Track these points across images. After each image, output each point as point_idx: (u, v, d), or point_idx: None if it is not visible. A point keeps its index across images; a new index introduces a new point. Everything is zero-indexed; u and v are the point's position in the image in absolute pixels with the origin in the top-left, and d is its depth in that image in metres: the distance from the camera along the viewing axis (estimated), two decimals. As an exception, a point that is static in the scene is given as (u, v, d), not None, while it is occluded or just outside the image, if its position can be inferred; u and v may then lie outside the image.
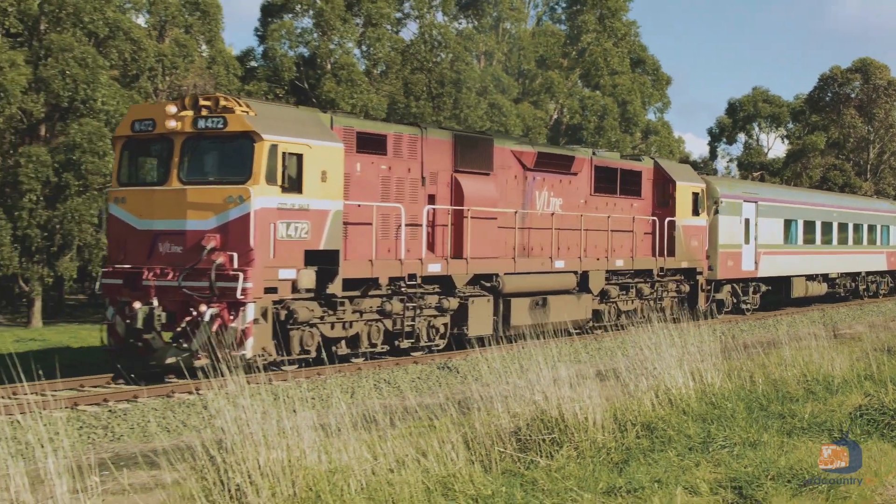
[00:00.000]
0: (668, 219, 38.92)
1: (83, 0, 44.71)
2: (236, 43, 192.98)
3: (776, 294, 49.70)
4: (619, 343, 29.23)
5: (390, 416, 13.89)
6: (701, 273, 41.18)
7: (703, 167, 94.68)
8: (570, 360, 17.61)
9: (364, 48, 61.70)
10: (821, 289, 52.97)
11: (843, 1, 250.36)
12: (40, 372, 20.04)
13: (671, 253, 39.19)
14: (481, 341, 28.34)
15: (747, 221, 45.73)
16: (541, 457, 13.83)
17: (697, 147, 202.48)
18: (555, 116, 70.29)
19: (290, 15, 61.54)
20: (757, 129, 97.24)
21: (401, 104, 59.13)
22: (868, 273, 60.55)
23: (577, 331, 32.14)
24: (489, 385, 16.11)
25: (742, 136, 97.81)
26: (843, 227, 57.45)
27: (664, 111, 78.34)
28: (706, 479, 13.15)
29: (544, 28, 71.61)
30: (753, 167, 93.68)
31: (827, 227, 55.23)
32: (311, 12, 60.02)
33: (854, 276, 58.66)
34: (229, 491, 11.19)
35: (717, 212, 43.18)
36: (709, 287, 42.39)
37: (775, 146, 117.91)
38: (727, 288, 44.65)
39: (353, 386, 23.91)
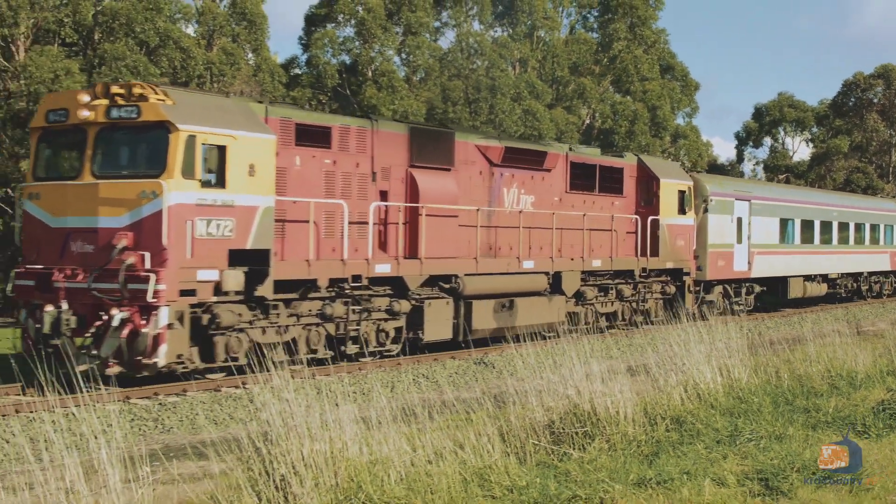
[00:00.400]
0: (651, 217, 36.37)
1: (135, 11, 45.00)
2: (281, 51, 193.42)
3: (773, 295, 47.11)
4: (650, 340, 29.05)
5: (429, 409, 13.90)
6: (688, 274, 38.55)
7: (731, 170, 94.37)
8: (601, 355, 17.59)
9: (404, 55, 61.90)
10: (820, 289, 50.11)
11: (865, 9, 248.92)
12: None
13: (655, 253, 36.61)
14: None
15: (740, 220, 42.90)
16: (574, 449, 13.82)
17: (725, 150, 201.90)
18: (587, 121, 70.20)
19: (333, 24, 61.82)
20: (782, 133, 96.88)
21: (439, 110, 59.23)
22: (871, 273, 57.43)
23: (552, 334, 28.63)
24: (524, 380, 16.09)
25: (768, 140, 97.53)
26: (843, 227, 54.12)
27: (693, 116, 78.18)
28: (733, 472, 13.11)
29: (577, 36, 71.51)
30: (779, 170, 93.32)
31: (826, 226, 52.01)
32: (353, 21, 60.28)
33: (856, 276, 55.61)
34: (274, 481, 11.21)
35: (706, 210, 40.49)
36: (697, 288, 39.89)
37: (800, 149, 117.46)
38: (718, 289, 41.85)
39: (393, 380, 23.90)
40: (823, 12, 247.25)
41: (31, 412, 17.82)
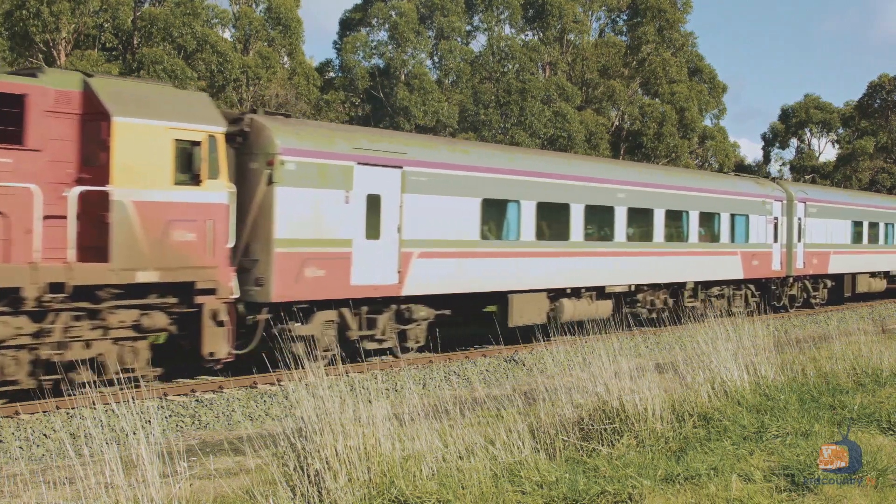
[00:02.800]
0: (80, 189, 19.72)
1: (173, 16, 45.26)
2: (316, 54, 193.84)
3: (478, 321, 30.96)
4: (678, 338, 28.99)
5: (460, 406, 13.89)
6: (212, 292, 21.62)
7: (758, 171, 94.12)
8: (630, 353, 17.56)
9: (436, 59, 62.04)
10: (592, 310, 32.07)
11: (893, 12, 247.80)
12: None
13: (100, 255, 19.83)
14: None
15: (376, 200, 25.50)
16: (602, 445, 13.78)
17: (752, 152, 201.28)
18: (616, 123, 70.14)
19: (367, 28, 62.08)
20: (809, 134, 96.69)
21: (470, 112, 59.32)
22: (706, 283, 39.01)
23: None
24: (553, 377, 16.05)
25: (794, 141, 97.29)
26: (641, 216, 35.41)
27: (720, 117, 78.12)
28: (760, 467, 13.05)
29: (606, 39, 71.60)
30: (805, 171, 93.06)
31: (600, 213, 33.57)
32: (386, 26, 60.55)
33: (677, 287, 37.40)
34: (308, 476, 11.23)
35: (272, 180, 23.05)
36: (254, 317, 23.22)
37: (826, 150, 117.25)
38: (323, 316, 24.34)
39: (425, 377, 23.92)
40: (850, 15, 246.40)
41: (72, 408, 17.93)
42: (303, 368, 12.81)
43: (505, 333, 27.49)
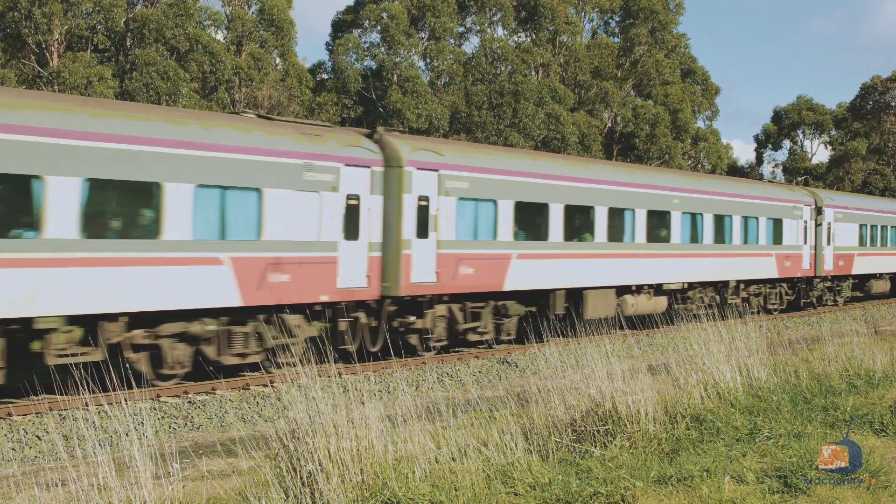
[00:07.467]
0: None
1: (165, 17, 45.25)
2: (308, 56, 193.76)
3: None
4: (670, 339, 28.98)
5: (453, 407, 13.88)
6: None
7: (750, 172, 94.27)
8: (623, 355, 17.55)
9: (428, 61, 62.04)
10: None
11: (884, 13, 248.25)
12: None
13: None
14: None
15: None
16: (595, 447, 13.78)
17: (744, 153, 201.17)
18: (609, 125, 70.17)
19: (359, 30, 62.08)
20: (801, 135, 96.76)
21: (463, 113, 59.29)
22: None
23: None
24: (546, 379, 16.05)
25: (787, 143, 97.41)
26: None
27: (713, 119, 78.26)
28: (753, 469, 13.06)
29: (599, 41, 71.60)
30: (798, 172, 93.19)
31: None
32: (378, 27, 60.51)
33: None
34: (301, 477, 11.23)
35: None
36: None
37: (819, 152, 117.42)
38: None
39: (418, 379, 23.90)
40: (842, 16, 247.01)
41: (65, 409, 17.91)
42: (295, 369, 12.81)
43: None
